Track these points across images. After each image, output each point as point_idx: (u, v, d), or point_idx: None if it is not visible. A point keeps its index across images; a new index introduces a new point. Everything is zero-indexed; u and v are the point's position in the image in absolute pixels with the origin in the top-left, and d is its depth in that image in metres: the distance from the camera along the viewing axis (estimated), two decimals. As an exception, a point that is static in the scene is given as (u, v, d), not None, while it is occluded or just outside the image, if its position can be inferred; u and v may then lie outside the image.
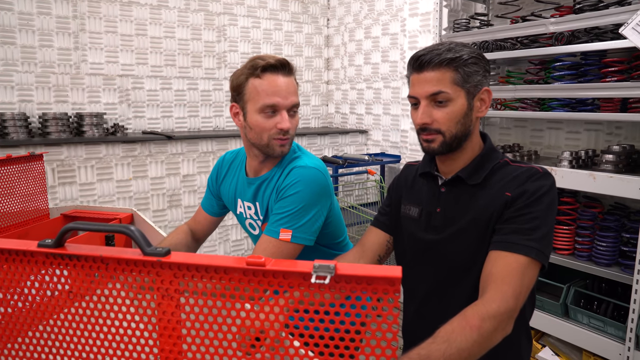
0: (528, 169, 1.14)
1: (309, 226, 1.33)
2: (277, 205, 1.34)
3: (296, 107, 1.38)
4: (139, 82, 3.40)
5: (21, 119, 2.76)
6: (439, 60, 1.10)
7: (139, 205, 3.20)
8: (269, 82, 1.31)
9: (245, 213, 1.51)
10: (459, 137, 1.15)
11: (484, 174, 1.16)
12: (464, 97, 1.13)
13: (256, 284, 0.59)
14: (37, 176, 1.84)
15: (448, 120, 1.12)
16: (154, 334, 0.66)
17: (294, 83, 1.37)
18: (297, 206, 1.31)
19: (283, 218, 1.31)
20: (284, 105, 1.33)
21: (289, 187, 1.33)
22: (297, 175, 1.34)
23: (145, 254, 0.61)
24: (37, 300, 0.70)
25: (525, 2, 2.78)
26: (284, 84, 1.33)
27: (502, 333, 0.97)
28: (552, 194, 1.10)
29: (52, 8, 3.00)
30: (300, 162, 1.38)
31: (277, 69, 1.32)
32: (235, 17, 3.82)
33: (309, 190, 1.33)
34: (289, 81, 1.34)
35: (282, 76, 1.33)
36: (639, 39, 1.87)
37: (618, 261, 2.18)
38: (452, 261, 1.17)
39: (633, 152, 2.21)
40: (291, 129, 1.37)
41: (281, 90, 1.32)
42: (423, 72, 1.13)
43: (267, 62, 1.31)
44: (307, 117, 4.38)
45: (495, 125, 3.12)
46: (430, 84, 1.12)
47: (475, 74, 1.13)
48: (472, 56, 1.12)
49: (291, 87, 1.35)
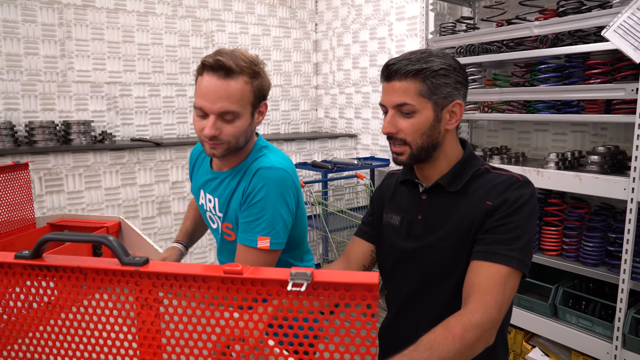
0: (508, 177, 1.14)
1: (284, 230, 1.30)
2: (247, 211, 1.29)
3: (230, 115, 1.24)
4: (127, 89, 3.39)
5: (7, 127, 2.74)
6: (405, 71, 1.10)
7: (128, 213, 3.18)
8: (203, 83, 1.24)
9: (206, 205, 1.48)
10: (426, 148, 1.15)
11: (464, 181, 1.16)
12: (430, 108, 1.12)
13: (235, 292, 0.59)
14: (22, 185, 1.82)
15: (413, 132, 1.12)
16: (134, 344, 0.65)
17: (235, 87, 1.23)
18: (269, 211, 1.27)
19: (258, 225, 1.27)
20: (210, 110, 1.23)
21: (256, 192, 1.28)
22: (263, 178, 1.28)
23: (123, 264, 0.61)
24: (22, 312, 0.70)
25: (511, 5, 2.81)
26: (214, 87, 1.22)
27: (484, 343, 0.97)
28: (532, 203, 1.11)
29: (38, 15, 2.99)
30: (265, 162, 1.32)
31: (214, 70, 1.22)
32: (223, 23, 3.82)
33: (277, 192, 1.28)
34: (224, 85, 1.22)
35: (218, 79, 1.22)
36: (620, 41, 1.89)
37: (605, 261, 2.20)
38: (431, 268, 1.17)
39: (618, 153, 2.24)
40: (222, 136, 1.26)
41: (209, 94, 1.22)
42: (391, 82, 1.13)
43: (205, 61, 1.24)
44: (297, 122, 4.38)
45: (483, 127, 3.14)
46: (396, 94, 1.12)
47: (445, 86, 1.11)
48: (442, 67, 1.11)
49: (222, 92, 1.22)
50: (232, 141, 1.28)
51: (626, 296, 1.99)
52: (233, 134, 1.26)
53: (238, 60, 1.23)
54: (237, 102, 1.23)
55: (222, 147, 1.28)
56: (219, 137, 1.25)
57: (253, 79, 1.26)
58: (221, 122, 1.25)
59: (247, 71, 1.24)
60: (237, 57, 1.24)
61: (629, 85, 1.94)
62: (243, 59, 1.24)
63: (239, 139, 1.29)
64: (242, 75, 1.23)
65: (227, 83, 1.22)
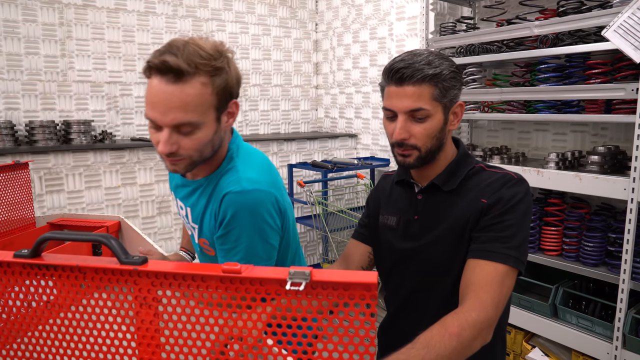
0: (503, 175, 1.14)
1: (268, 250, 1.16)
2: (222, 238, 1.14)
3: (187, 127, 1.02)
4: (127, 88, 3.39)
5: (7, 127, 2.74)
6: (421, 76, 1.07)
7: (128, 213, 3.18)
8: (151, 89, 1.01)
9: (179, 212, 1.35)
10: (434, 151, 1.14)
11: (459, 179, 1.17)
12: (441, 111, 1.11)
13: (233, 291, 0.59)
14: (22, 185, 1.82)
15: (425, 136, 1.11)
16: (133, 343, 0.65)
17: (189, 93, 0.99)
18: (245, 240, 1.11)
19: (236, 254, 1.12)
20: (162, 123, 1.01)
21: (228, 221, 1.11)
22: (233, 204, 1.09)
23: (122, 263, 0.61)
24: (21, 311, 0.70)
25: (511, 5, 2.80)
26: (163, 94, 0.99)
27: (481, 341, 0.97)
28: (527, 201, 1.11)
29: (38, 15, 2.99)
30: (234, 185, 1.11)
31: (161, 72, 0.98)
32: (224, 22, 3.82)
33: (251, 219, 1.10)
34: (176, 91, 0.98)
35: (167, 83, 0.98)
36: (620, 41, 1.89)
37: (605, 261, 2.20)
38: (428, 267, 1.18)
39: (618, 153, 2.24)
40: (181, 151, 1.05)
41: (158, 103, 0.99)
42: (403, 86, 1.08)
43: (150, 61, 1.00)
44: (297, 122, 4.38)
45: (484, 127, 3.14)
46: (410, 99, 1.08)
47: (453, 89, 1.11)
48: (451, 70, 1.10)
49: (174, 100, 0.98)
50: (195, 155, 1.07)
51: (626, 296, 1.99)
52: (194, 148, 1.05)
53: (192, 57, 0.99)
54: (194, 111, 1.00)
55: (183, 162, 1.08)
56: (177, 152, 1.05)
57: (214, 77, 1.03)
58: (177, 135, 1.03)
59: (205, 69, 1.00)
60: (191, 52, 0.99)
61: (629, 85, 1.94)
62: (199, 53, 1.00)
63: (202, 151, 1.08)
64: (197, 76, 1.00)
65: (180, 88, 0.98)
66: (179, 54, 0.98)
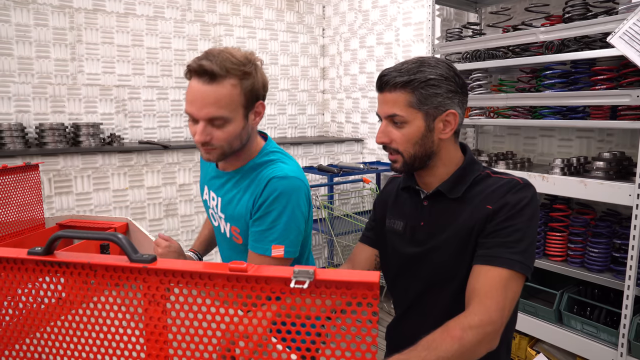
0: (508, 181, 1.14)
1: (298, 238, 1.29)
2: (259, 220, 1.27)
3: (219, 120, 1.21)
4: (136, 92, 3.43)
5: (18, 129, 2.78)
6: (393, 82, 1.11)
7: (135, 215, 3.21)
8: (190, 88, 1.21)
9: (210, 202, 1.48)
10: (420, 157, 1.16)
11: (464, 187, 1.17)
12: (421, 119, 1.12)
13: (239, 289, 0.60)
14: (32, 186, 1.85)
15: (405, 142, 1.14)
16: (141, 339, 0.67)
17: (221, 92, 1.18)
18: (283, 220, 1.25)
19: (272, 234, 1.25)
20: (198, 116, 1.20)
21: (271, 201, 1.25)
22: (277, 187, 1.25)
23: (132, 261, 0.63)
24: (33, 307, 0.72)
25: (517, 11, 2.82)
26: (200, 93, 1.18)
27: (486, 347, 0.97)
28: (533, 205, 1.11)
29: (49, 19, 3.03)
30: (278, 172, 1.28)
31: (199, 74, 1.18)
32: (231, 27, 3.86)
33: (294, 202, 1.26)
34: (210, 90, 1.18)
35: (203, 84, 1.18)
36: (626, 48, 1.90)
37: (610, 267, 2.19)
38: (433, 273, 1.18)
39: (624, 159, 2.24)
40: (214, 141, 1.23)
41: (196, 100, 1.19)
42: (383, 93, 1.14)
43: (190, 65, 1.20)
44: (303, 126, 4.40)
45: (489, 133, 3.15)
46: (387, 105, 1.13)
47: (435, 96, 1.11)
48: (431, 78, 1.10)
49: (209, 97, 1.18)
50: (225, 146, 1.26)
51: (631, 302, 1.98)
52: (225, 139, 1.24)
53: (225, 62, 1.18)
54: (225, 107, 1.19)
55: (216, 152, 1.26)
56: (210, 142, 1.23)
57: (243, 80, 1.21)
58: (211, 127, 1.22)
59: (235, 73, 1.19)
60: (224, 58, 1.18)
61: (634, 92, 1.94)
62: (231, 60, 1.19)
63: (232, 143, 1.26)
64: (229, 78, 1.18)
65: (213, 88, 1.18)
66: (213, 60, 1.17)
